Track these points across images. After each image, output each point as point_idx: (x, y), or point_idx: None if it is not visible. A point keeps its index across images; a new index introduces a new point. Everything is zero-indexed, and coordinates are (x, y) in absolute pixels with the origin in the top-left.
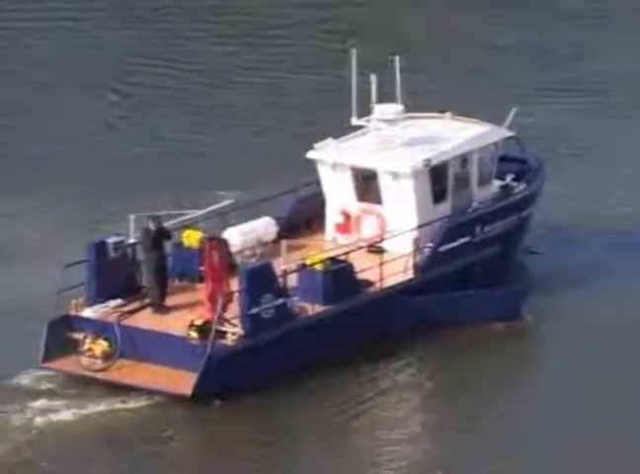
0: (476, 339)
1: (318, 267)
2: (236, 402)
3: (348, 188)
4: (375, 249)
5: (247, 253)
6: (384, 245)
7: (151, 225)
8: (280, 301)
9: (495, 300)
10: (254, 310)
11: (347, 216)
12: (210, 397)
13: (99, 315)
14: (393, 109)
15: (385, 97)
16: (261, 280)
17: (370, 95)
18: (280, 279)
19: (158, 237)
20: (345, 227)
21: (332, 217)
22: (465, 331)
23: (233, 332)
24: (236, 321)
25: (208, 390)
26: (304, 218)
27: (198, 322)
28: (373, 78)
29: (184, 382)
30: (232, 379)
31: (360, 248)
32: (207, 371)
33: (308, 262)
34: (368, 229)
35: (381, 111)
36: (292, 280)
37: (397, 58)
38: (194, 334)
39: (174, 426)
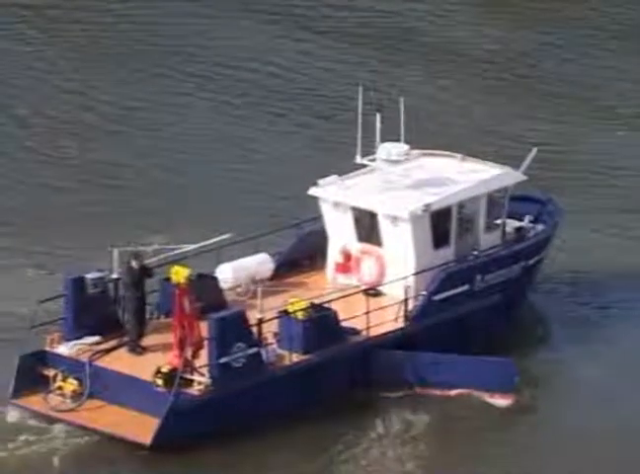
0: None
1: (299, 314)
2: (197, 455)
3: (349, 227)
4: (373, 292)
5: (239, 290)
6: (383, 289)
7: (133, 263)
8: (252, 350)
9: (487, 368)
10: (223, 359)
11: (347, 256)
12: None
13: (72, 353)
14: (398, 148)
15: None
16: (232, 329)
17: (375, 133)
18: (255, 328)
19: (139, 276)
20: (345, 267)
21: (333, 256)
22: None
23: (199, 381)
24: (205, 370)
25: (169, 440)
26: (308, 254)
27: (164, 369)
28: (378, 116)
29: (145, 430)
30: (196, 430)
31: (358, 291)
32: (169, 421)
33: (290, 309)
34: (368, 271)
35: (386, 150)
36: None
37: (402, 99)
38: (159, 381)
39: None
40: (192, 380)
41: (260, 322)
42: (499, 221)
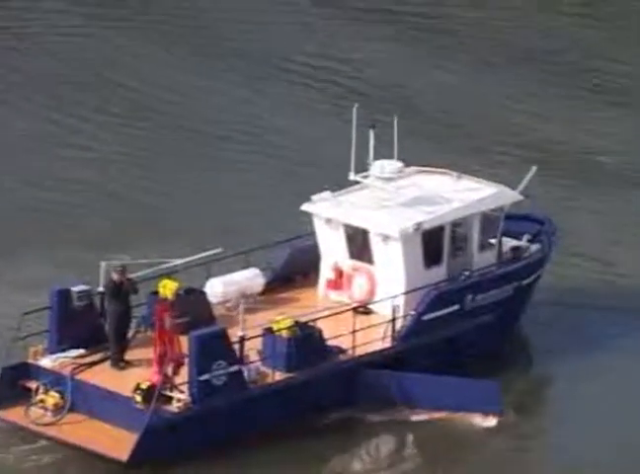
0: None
1: (284, 333)
2: (174, 472)
3: (341, 244)
4: (363, 310)
5: (229, 305)
6: (373, 307)
7: (114, 276)
8: (233, 368)
9: (472, 390)
10: (203, 377)
11: (339, 273)
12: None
13: (55, 366)
14: (391, 165)
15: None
16: (213, 346)
17: (369, 150)
18: (237, 346)
19: (121, 289)
20: (336, 284)
21: (324, 272)
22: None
23: (179, 398)
24: (184, 387)
25: (147, 457)
26: (301, 269)
27: (143, 385)
28: (372, 134)
29: (123, 446)
30: (175, 448)
31: (348, 309)
32: (146, 439)
33: (275, 326)
34: (359, 288)
35: (380, 167)
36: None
37: (395, 118)
38: (138, 398)
39: None
40: (171, 397)
41: (242, 340)
42: (493, 241)
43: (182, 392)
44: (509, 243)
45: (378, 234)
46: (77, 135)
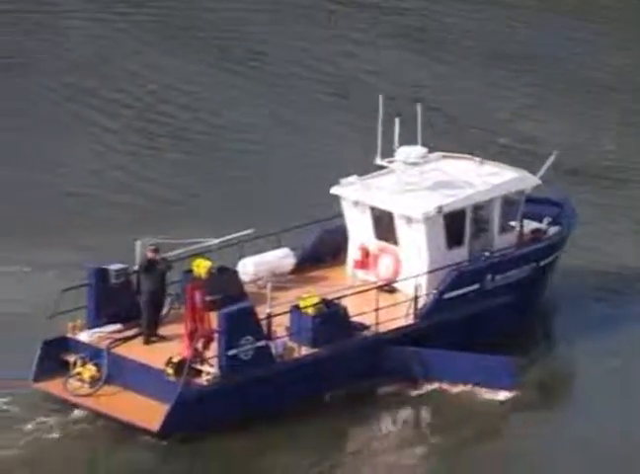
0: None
1: (310, 310)
2: (203, 446)
3: (367, 226)
4: (388, 289)
5: (260, 283)
6: (398, 285)
7: (148, 254)
8: (260, 343)
9: (488, 366)
10: (231, 352)
11: (365, 253)
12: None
13: (93, 340)
14: (416, 151)
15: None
16: (240, 323)
17: (394, 137)
18: (264, 322)
19: (154, 267)
20: (363, 263)
21: (352, 253)
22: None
23: (208, 372)
24: (214, 361)
25: (177, 428)
26: (331, 249)
27: (175, 359)
28: (397, 121)
29: (155, 417)
30: (204, 420)
31: (373, 287)
32: (177, 410)
33: (301, 304)
34: (384, 268)
35: (405, 152)
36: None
37: (419, 105)
38: (170, 371)
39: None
40: (201, 371)
41: (269, 316)
42: (514, 223)
43: (211, 366)
44: (530, 225)
45: (402, 216)
46: (107, 125)
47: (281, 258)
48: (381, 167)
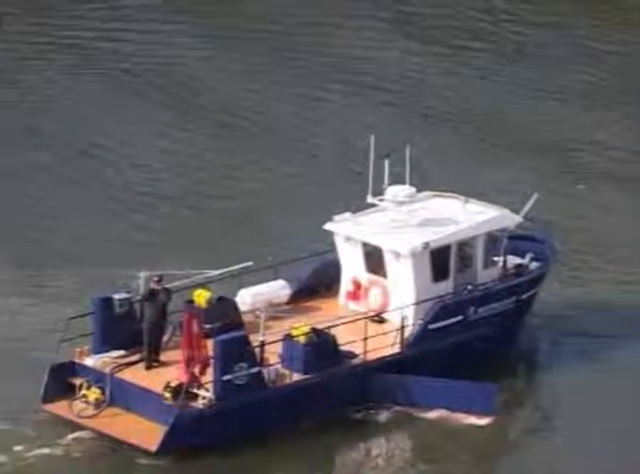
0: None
1: (301, 338)
2: (199, 466)
3: (359, 259)
4: (378, 319)
5: (257, 313)
6: (387, 316)
7: (151, 285)
8: (254, 370)
9: (471, 393)
10: (226, 377)
11: (357, 285)
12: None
13: (97, 364)
14: (404, 191)
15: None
16: (235, 350)
17: (384, 177)
18: (258, 350)
19: (156, 297)
20: (355, 295)
21: (345, 284)
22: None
23: (204, 396)
24: (209, 386)
25: (174, 449)
26: (325, 281)
27: (172, 383)
28: (387, 162)
29: (153, 438)
30: (200, 441)
31: (363, 317)
32: (174, 431)
33: (293, 332)
34: (374, 299)
35: (394, 192)
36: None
37: (408, 147)
38: (167, 394)
39: None
40: (197, 395)
41: (262, 344)
42: (497, 258)
43: (207, 390)
44: (513, 261)
45: (391, 251)
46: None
47: (278, 289)
48: (372, 205)
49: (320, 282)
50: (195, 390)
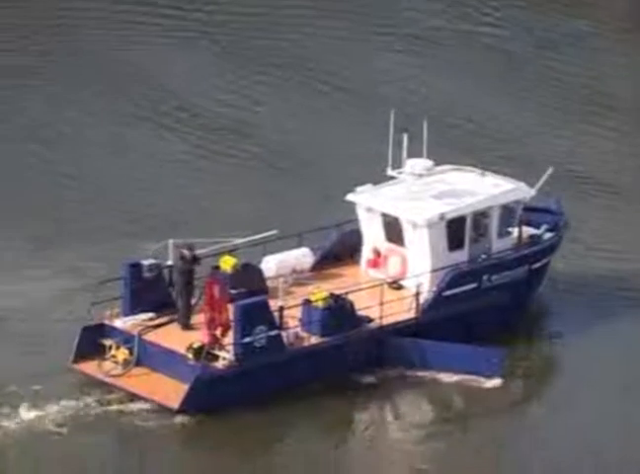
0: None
1: (319, 303)
2: (219, 424)
3: (378, 229)
4: (396, 286)
5: (282, 279)
6: (404, 283)
7: (185, 252)
8: (273, 333)
9: (480, 356)
10: (246, 339)
11: (377, 253)
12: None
13: (126, 326)
14: (422, 164)
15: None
16: (255, 314)
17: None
18: (277, 314)
19: (190, 264)
20: (375, 263)
21: (366, 253)
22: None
23: (225, 357)
24: (230, 348)
25: (195, 407)
26: (349, 249)
27: (195, 345)
28: (405, 137)
29: (176, 396)
30: (220, 400)
31: (382, 284)
32: (195, 390)
33: (312, 298)
34: (393, 267)
35: (412, 165)
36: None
37: (425, 122)
38: (190, 355)
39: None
40: (218, 356)
41: (281, 309)
42: (511, 229)
43: (228, 352)
44: (528, 232)
45: (409, 222)
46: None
47: (301, 257)
48: (392, 177)
49: (343, 251)
50: (216, 351)
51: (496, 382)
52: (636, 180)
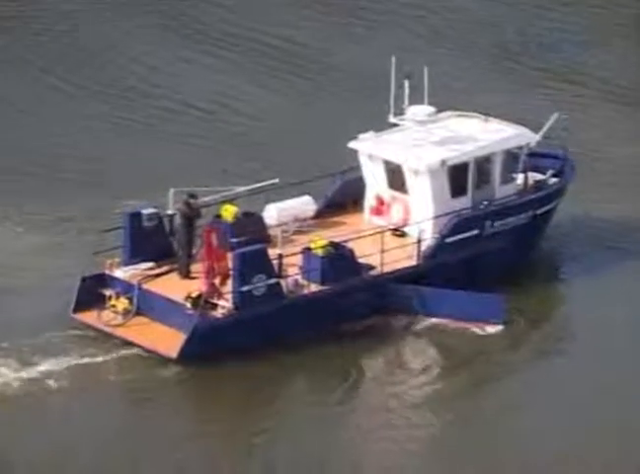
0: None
1: (319, 251)
2: (218, 374)
3: (381, 176)
4: (399, 233)
5: (284, 228)
6: (407, 230)
7: (189, 201)
8: (272, 281)
9: (480, 303)
10: (245, 288)
11: (380, 201)
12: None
13: (126, 276)
14: (424, 110)
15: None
16: (253, 262)
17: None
18: (277, 262)
19: (191, 213)
20: (378, 210)
21: (368, 200)
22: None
23: (223, 306)
24: (229, 296)
25: (193, 356)
26: (352, 197)
27: (193, 294)
28: (406, 83)
29: (174, 345)
30: (219, 349)
31: (383, 231)
32: (193, 339)
33: (312, 246)
34: (396, 214)
35: (414, 112)
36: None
37: (426, 69)
38: (188, 304)
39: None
40: (217, 305)
41: (280, 256)
42: (515, 175)
43: (226, 300)
44: (534, 177)
45: (410, 168)
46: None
47: (304, 205)
48: (394, 124)
49: (347, 198)
50: (214, 300)
51: (497, 328)
52: None
